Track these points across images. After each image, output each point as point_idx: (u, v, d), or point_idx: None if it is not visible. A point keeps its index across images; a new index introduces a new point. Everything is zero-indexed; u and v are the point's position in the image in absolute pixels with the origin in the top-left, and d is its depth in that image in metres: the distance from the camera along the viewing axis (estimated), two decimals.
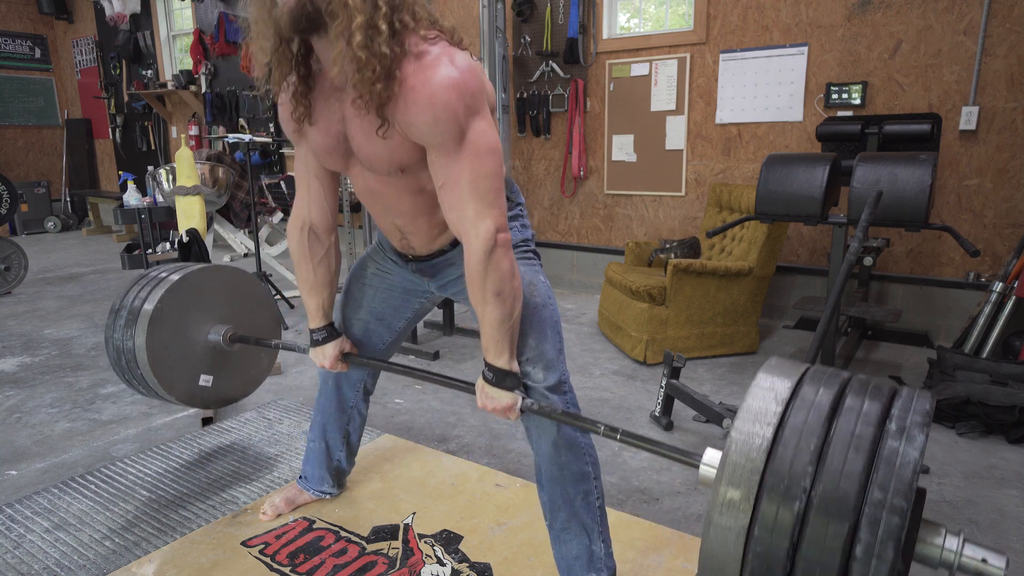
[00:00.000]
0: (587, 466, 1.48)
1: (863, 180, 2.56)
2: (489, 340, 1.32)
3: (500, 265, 1.24)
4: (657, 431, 2.48)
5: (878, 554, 0.77)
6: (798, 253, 3.82)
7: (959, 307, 3.38)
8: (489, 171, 1.21)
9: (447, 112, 1.15)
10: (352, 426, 1.90)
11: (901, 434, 0.82)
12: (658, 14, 4.27)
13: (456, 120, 1.17)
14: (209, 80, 6.52)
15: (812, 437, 0.84)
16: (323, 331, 1.64)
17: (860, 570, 0.77)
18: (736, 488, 0.84)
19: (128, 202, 4.19)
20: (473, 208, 1.22)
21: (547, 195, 4.73)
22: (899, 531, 0.77)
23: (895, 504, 0.77)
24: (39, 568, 1.71)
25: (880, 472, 0.80)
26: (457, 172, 1.21)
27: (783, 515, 0.81)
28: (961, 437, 2.40)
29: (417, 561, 1.72)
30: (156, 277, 1.93)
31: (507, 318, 1.29)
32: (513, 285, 1.28)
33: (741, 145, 3.89)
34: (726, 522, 0.83)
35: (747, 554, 0.83)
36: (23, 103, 7.93)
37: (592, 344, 3.52)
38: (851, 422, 0.84)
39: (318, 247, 1.57)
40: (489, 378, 1.34)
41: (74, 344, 3.58)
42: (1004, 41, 3.12)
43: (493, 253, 1.23)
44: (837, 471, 0.81)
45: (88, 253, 6.43)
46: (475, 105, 1.18)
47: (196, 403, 1.99)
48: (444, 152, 1.20)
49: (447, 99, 1.15)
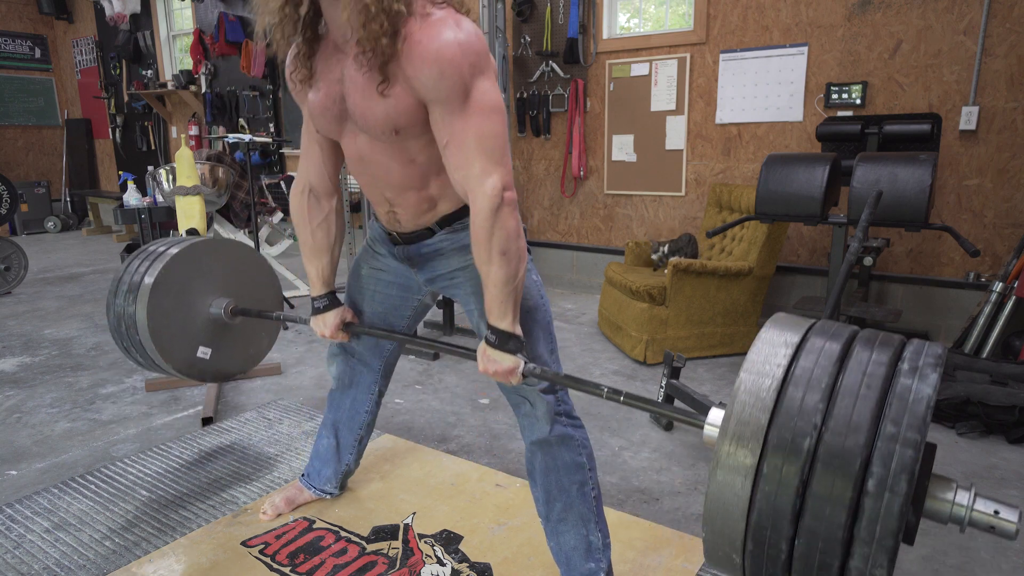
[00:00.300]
0: (581, 457, 1.49)
1: (863, 180, 2.56)
2: (493, 301, 1.30)
3: (506, 223, 1.24)
4: (657, 431, 2.48)
5: (891, 487, 0.75)
6: (798, 253, 3.82)
7: (959, 307, 3.38)
8: (495, 130, 1.22)
9: (452, 67, 1.16)
10: (365, 430, 1.90)
11: (913, 373, 0.81)
12: (658, 14, 4.27)
13: (461, 76, 1.17)
14: (209, 80, 6.51)
15: (824, 376, 0.82)
16: (324, 299, 1.64)
17: (872, 505, 0.75)
18: (745, 427, 0.82)
19: (128, 202, 4.19)
20: (479, 166, 1.22)
21: (547, 195, 4.73)
22: (913, 464, 0.75)
23: (908, 437, 0.76)
24: (39, 568, 1.71)
25: (893, 408, 0.78)
26: (462, 129, 1.21)
27: (795, 447, 0.79)
28: (961, 437, 2.40)
29: (417, 561, 1.72)
30: (156, 251, 1.94)
31: (512, 278, 1.28)
32: (519, 245, 1.28)
33: (741, 145, 3.89)
34: (735, 461, 0.82)
35: (755, 495, 0.81)
36: (23, 103, 7.93)
37: (592, 344, 3.52)
38: (862, 363, 0.83)
39: (317, 210, 1.59)
40: (492, 341, 1.33)
41: (74, 344, 3.58)
42: (1004, 41, 3.12)
43: (500, 211, 1.23)
44: (849, 407, 0.79)
45: (88, 253, 6.43)
46: (480, 65, 1.19)
47: (194, 374, 1.96)
48: (449, 109, 1.21)
49: (452, 55, 1.16)
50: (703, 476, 2.16)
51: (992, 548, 1.77)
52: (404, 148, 1.32)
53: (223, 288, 2.00)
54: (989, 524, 0.83)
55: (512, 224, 1.25)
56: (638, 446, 2.37)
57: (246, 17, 6.06)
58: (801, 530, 0.79)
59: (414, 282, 1.62)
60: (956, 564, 1.71)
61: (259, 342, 2.15)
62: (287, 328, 3.81)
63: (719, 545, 0.85)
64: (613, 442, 2.39)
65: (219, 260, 2.00)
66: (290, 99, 5.99)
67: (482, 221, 1.24)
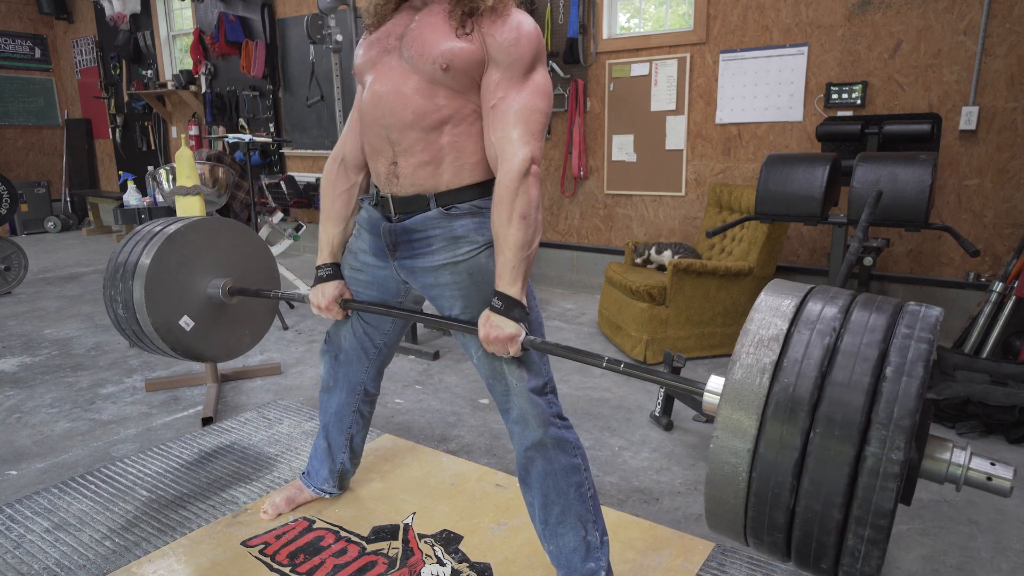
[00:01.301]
0: (576, 459, 1.50)
1: (863, 180, 2.56)
2: (506, 265, 1.33)
3: (530, 190, 1.31)
4: (657, 431, 2.48)
5: (908, 372, 0.78)
6: (798, 253, 3.82)
7: (959, 307, 3.38)
8: (540, 108, 1.33)
9: (527, 40, 1.31)
10: (355, 428, 1.89)
11: (917, 311, 0.87)
12: (658, 14, 4.27)
13: (530, 52, 1.32)
14: (209, 80, 6.51)
15: (827, 333, 0.86)
16: (328, 268, 1.67)
17: (890, 388, 0.78)
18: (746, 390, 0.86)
19: (128, 202, 4.19)
20: (519, 133, 1.31)
21: (547, 195, 4.73)
22: (927, 354, 0.79)
23: (922, 336, 0.81)
24: (39, 568, 1.71)
25: (904, 320, 0.84)
26: (514, 97, 1.31)
27: (814, 342, 0.84)
28: (961, 437, 2.40)
29: (417, 561, 1.72)
30: (151, 231, 1.94)
31: (528, 243, 1.33)
32: (537, 216, 1.33)
33: (741, 145, 3.89)
34: (752, 364, 0.86)
35: (771, 386, 0.84)
36: (23, 103, 7.92)
37: (592, 344, 3.52)
38: (864, 317, 0.87)
39: (344, 179, 1.63)
40: (497, 307, 1.34)
41: (74, 344, 3.58)
42: (1004, 41, 3.12)
43: (527, 177, 1.30)
44: (862, 324, 0.84)
45: (88, 253, 6.43)
46: (543, 56, 1.35)
47: (168, 340, 1.90)
48: (509, 75, 1.32)
49: (530, 32, 1.32)
50: (703, 476, 2.16)
51: (992, 548, 1.78)
52: (436, 89, 1.36)
53: (223, 268, 2.00)
54: (985, 481, 0.84)
55: (535, 193, 1.32)
56: (638, 446, 2.37)
57: (246, 17, 6.06)
58: (818, 418, 0.81)
59: (393, 283, 1.59)
60: (956, 564, 1.71)
61: (241, 338, 2.12)
62: (287, 328, 3.81)
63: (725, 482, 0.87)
64: (613, 442, 2.39)
65: (220, 240, 2.00)
66: (290, 99, 5.99)
67: (509, 182, 1.30)
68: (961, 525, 1.87)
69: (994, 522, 1.89)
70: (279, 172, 6.24)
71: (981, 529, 1.86)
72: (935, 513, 1.93)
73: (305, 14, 5.16)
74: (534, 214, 1.32)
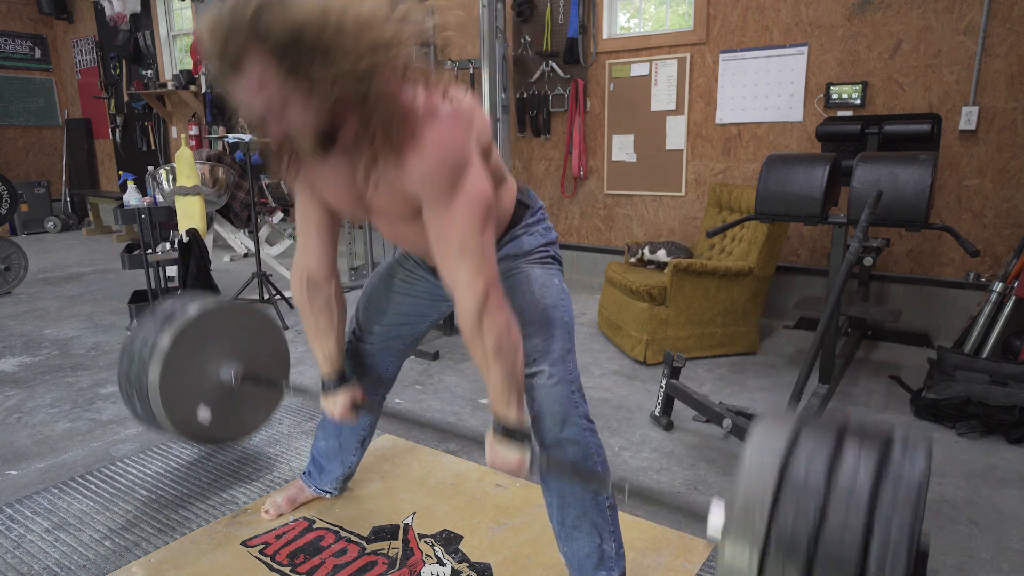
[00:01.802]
0: (596, 466, 1.47)
1: (863, 180, 2.56)
2: (496, 394, 1.31)
3: (495, 322, 1.24)
4: (657, 431, 2.48)
5: (893, 555, 0.80)
6: (798, 253, 3.82)
7: (959, 307, 3.38)
8: (477, 227, 1.21)
9: (434, 172, 1.16)
10: (367, 430, 1.90)
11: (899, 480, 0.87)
12: (658, 14, 4.27)
13: (442, 179, 1.17)
14: (209, 80, 6.51)
15: (817, 481, 0.89)
16: (333, 379, 1.62)
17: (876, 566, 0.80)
18: (746, 528, 0.89)
19: (128, 202, 4.19)
20: (464, 274, 1.22)
21: (547, 195, 4.73)
22: (911, 529, 0.80)
23: (903, 519, 0.82)
24: (39, 568, 1.71)
25: (887, 496, 0.85)
26: (448, 228, 1.21)
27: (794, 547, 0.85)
28: (961, 437, 2.40)
29: (417, 561, 1.72)
30: (164, 316, 1.84)
31: (511, 371, 1.29)
32: (511, 339, 1.27)
33: (741, 145, 3.89)
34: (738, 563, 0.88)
35: None
36: (23, 103, 7.92)
37: (592, 344, 3.52)
38: (853, 463, 0.90)
39: (317, 296, 1.56)
40: (499, 432, 1.34)
41: (74, 344, 3.58)
42: (1004, 41, 3.12)
43: (485, 313, 1.23)
44: (842, 508, 0.86)
45: (88, 253, 6.43)
46: (462, 160, 1.18)
47: (187, 435, 1.85)
48: (434, 204, 1.20)
49: (433, 160, 1.15)
50: (703, 476, 2.16)
51: (992, 548, 1.78)
52: (420, 222, 1.31)
53: (234, 352, 1.90)
54: None
55: (501, 320, 1.25)
56: (638, 446, 2.37)
57: None
58: None
59: (443, 293, 1.60)
60: (956, 564, 1.71)
61: (256, 414, 2.05)
62: (287, 328, 3.81)
63: None
64: (613, 442, 2.39)
65: (233, 324, 1.92)
66: None
67: (471, 325, 1.25)
68: (961, 525, 1.87)
69: (994, 522, 1.89)
70: None
71: (981, 529, 1.86)
72: (935, 513, 1.93)
73: None
74: (507, 339, 1.27)
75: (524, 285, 1.44)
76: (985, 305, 3.03)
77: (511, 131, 4.70)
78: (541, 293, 1.41)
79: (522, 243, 1.48)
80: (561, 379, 1.40)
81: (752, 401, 2.75)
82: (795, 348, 3.44)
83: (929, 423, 2.52)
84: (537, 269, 1.45)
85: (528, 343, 1.38)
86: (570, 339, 1.45)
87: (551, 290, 1.43)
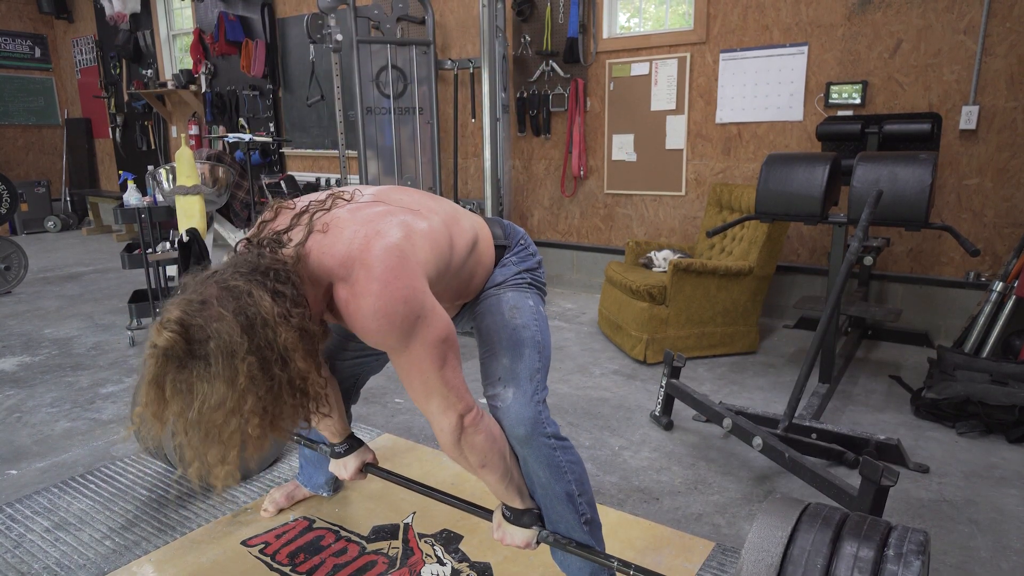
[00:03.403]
0: (570, 485, 1.41)
1: (863, 180, 2.55)
2: (496, 492, 1.39)
3: (474, 443, 1.29)
4: (657, 430, 2.48)
5: None
6: (798, 253, 3.82)
7: (959, 307, 3.38)
8: (437, 366, 1.22)
9: (384, 335, 1.17)
10: None
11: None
12: (658, 14, 4.27)
13: (393, 338, 1.17)
14: (209, 79, 6.51)
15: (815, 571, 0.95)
16: (344, 445, 1.66)
17: None
18: None
19: (128, 201, 4.18)
20: (435, 405, 1.26)
21: (547, 195, 4.73)
22: None
23: None
24: (39, 568, 1.71)
25: None
26: (407, 371, 1.23)
27: None
28: (961, 437, 2.40)
29: (417, 560, 1.72)
30: None
31: (505, 475, 1.36)
32: (495, 451, 1.32)
33: (741, 145, 3.89)
34: None
35: None
36: (23, 103, 7.92)
37: (592, 344, 3.52)
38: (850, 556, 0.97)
39: None
40: (507, 516, 1.42)
41: (74, 344, 3.58)
42: (1004, 40, 3.12)
43: (463, 439, 1.28)
44: None
45: (88, 252, 6.43)
46: (410, 313, 1.16)
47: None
48: (391, 353, 1.22)
49: (378, 327, 1.16)
50: (703, 476, 2.16)
51: (992, 548, 1.78)
52: None
53: None
54: None
55: (480, 439, 1.29)
56: (638, 446, 2.37)
57: (246, 16, 6.06)
58: None
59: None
60: (956, 564, 1.71)
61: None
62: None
63: None
64: (613, 442, 2.39)
65: None
66: (290, 98, 5.99)
67: (451, 451, 1.31)
68: (961, 525, 1.87)
69: (994, 522, 1.89)
70: (279, 172, 6.24)
71: (981, 529, 1.86)
72: (935, 513, 1.93)
73: (305, 13, 5.16)
74: (491, 455, 1.31)
75: (494, 307, 1.46)
76: (985, 304, 3.03)
77: (511, 131, 4.70)
78: (511, 314, 1.42)
79: (495, 278, 1.50)
80: (526, 401, 1.35)
81: (752, 401, 2.75)
82: (795, 348, 3.44)
83: (929, 422, 2.52)
84: (509, 292, 1.47)
85: (495, 363, 1.39)
86: (541, 359, 1.42)
87: (522, 311, 1.43)
